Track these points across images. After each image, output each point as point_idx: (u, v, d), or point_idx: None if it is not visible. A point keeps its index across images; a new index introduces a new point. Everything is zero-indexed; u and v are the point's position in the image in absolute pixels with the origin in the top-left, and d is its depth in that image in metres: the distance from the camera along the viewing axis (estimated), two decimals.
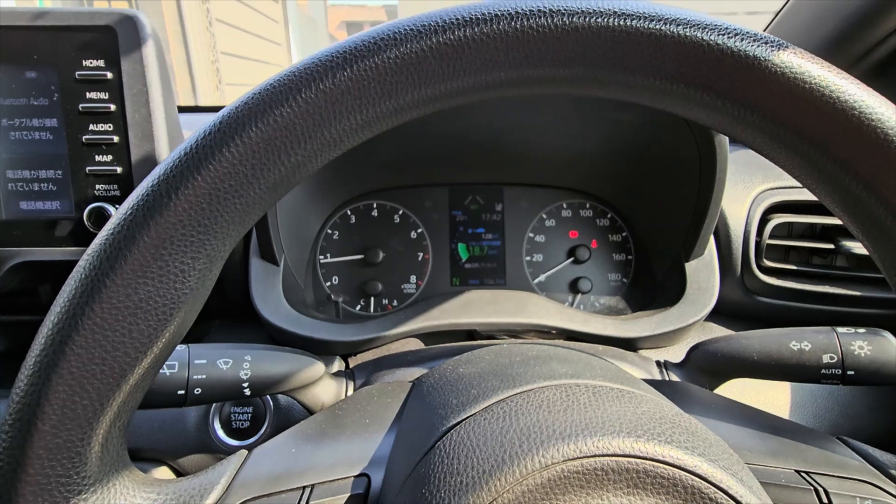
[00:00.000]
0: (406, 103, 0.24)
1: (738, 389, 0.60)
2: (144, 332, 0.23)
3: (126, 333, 0.23)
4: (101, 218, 0.52)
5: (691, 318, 0.60)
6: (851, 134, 0.24)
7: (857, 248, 0.61)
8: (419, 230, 0.76)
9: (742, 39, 0.23)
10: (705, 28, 0.23)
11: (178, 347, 0.40)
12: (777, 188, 0.65)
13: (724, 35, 0.23)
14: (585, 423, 0.23)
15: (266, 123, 0.23)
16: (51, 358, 0.22)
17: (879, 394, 0.63)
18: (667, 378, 0.50)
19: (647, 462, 0.22)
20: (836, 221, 0.63)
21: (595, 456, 0.22)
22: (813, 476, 0.30)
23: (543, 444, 0.22)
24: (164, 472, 0.56)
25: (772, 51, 0.23)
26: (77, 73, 0.50)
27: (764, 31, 0.76)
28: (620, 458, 0.22)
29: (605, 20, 0.23)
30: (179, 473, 0.56)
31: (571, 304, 0.74)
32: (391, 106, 0.24)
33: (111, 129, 0.51)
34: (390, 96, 0.24)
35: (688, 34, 0.23)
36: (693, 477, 0.22)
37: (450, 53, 0.23)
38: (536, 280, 0.76)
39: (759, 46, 0.23)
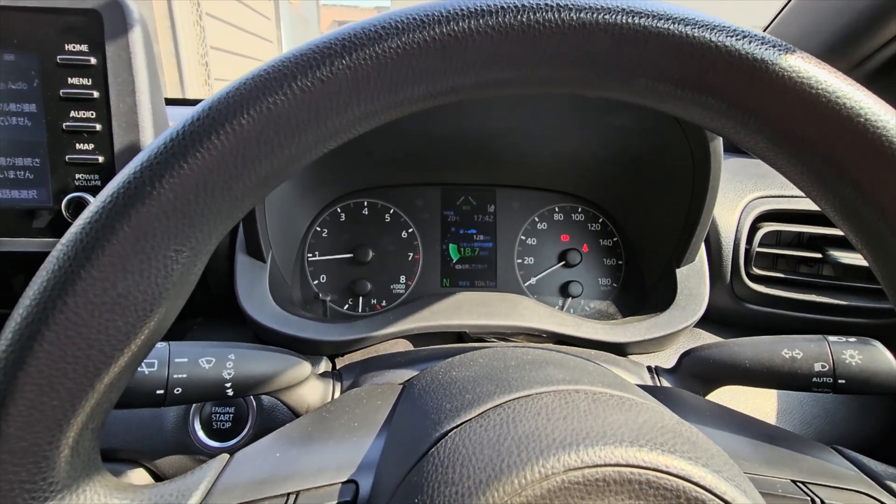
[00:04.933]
0: (406, 97, 0.24)
1: (726, 396, 0.60)
2: (122, 328, 0.22)
3: (102, 330, 0.22)
4: (80, 208, 0.49)
5: (681, 324, 0.60)
6: (855, 142, 0.23)
7: (845, 257, 0.62)
8: (410, 230, 0.75)
9: (750, 42, 0.23)
10: (713, 29, 0.23)
11: (158, 345, 0.38)
12: (767, 196, 0.65)
13: (732, 37, 0.23)
14: (586, 432, 0.22)
15: (259, 112, 0.22)
16: (17, 355, 0.21)
17: (866, 402, 0.63)
18: (658, 384, 0.49)
19: (651, 472, 0.21)
20: (824, 231, 0.63)
21: (597, 466, 0.21)
22: (809, 486, 0.30)
23: (543, 452, 0.22)
24: (140, 475, 0.54)
25: (779, 54, 0.23)
26: (59, 57, 0.48)
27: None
28: (623, 469, 0.21)
29: (613, 17, 0.23)
30: (157, 476, 0.54)
31: (562, 308, 0.74)
32: (391, 99, 0.23)
33: (93, 116, 0.49)
34: (390, 89, 0.23)
35: (696, 34, 0.23)
36: (697, 488, 0.21)
37: (453, 45, 0.22)
38: (527, 283, 0.75)
39: (766, 49, 0.23)
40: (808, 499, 0.28)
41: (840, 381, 0.41)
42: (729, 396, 0.60)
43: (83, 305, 0.21)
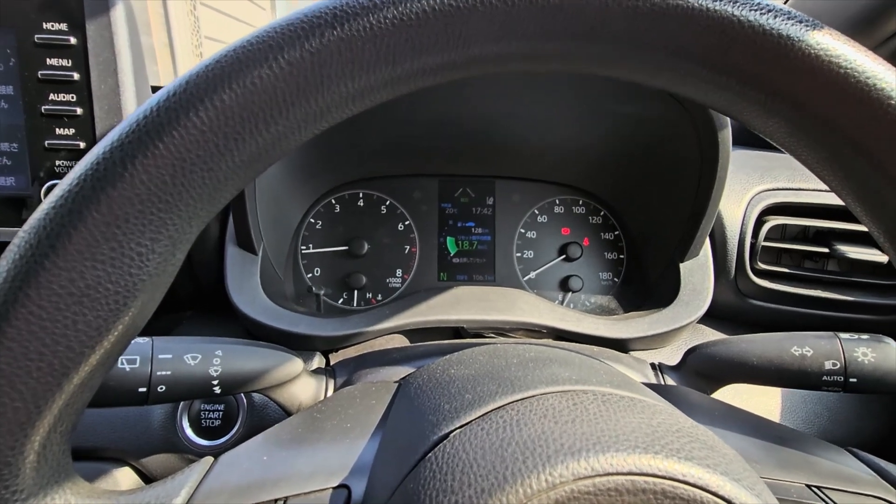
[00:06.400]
0: (404, 72, 0.22)
1: (728, 393, 0.59)
2: (92, 323, 0.20)
3: (69, 325, 0.20)
4: None
5: (685, 320, 0.58)
6: (886, 127, 0.21)
7: (852, 252, 0.61)
8: (406, 222, 0.73)
9: (776, 16, 0.21)
10: (736, 2, 0.21)
11: (141, 340, 0.36)
12: (774, 189, 0.64)
13: (756, 10, 0.21)
14: (597, 437, 0.21)
15: (242, 86, 0.20)
16: None
17: (868, 401, 0.62)
18: (662, 381, 0.48)
19: (667, 482, 0.19)
20: (831, 225, 0.62)
21: (608, 474, 0.19)
22: (825, 491, 0.28)
23: (550, 460, 0.20)
24: (126, 474, 0.52)
25: (806, 30, 0.21)
26: (36, 36, 0.46)
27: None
28: (636, 477, 0.19)
29: None
30: (143, 475, 0.53)
31: (562, 303, 0.72)
32: (387, 74, 0.21)
33: (74, 99, 0.47)
34: (386, 62, 0.21)
35: (717, 8, 0.21)
36: (716, 499, 0.19)
37: (456, 16, 0.20)
38: (526, 277, 0.74)
39: (793, 25, 0.21)
40: None
41: (851, 380, 0.40)
42: (732, 394, 0.59)
43: (47, 298, 0.19)
